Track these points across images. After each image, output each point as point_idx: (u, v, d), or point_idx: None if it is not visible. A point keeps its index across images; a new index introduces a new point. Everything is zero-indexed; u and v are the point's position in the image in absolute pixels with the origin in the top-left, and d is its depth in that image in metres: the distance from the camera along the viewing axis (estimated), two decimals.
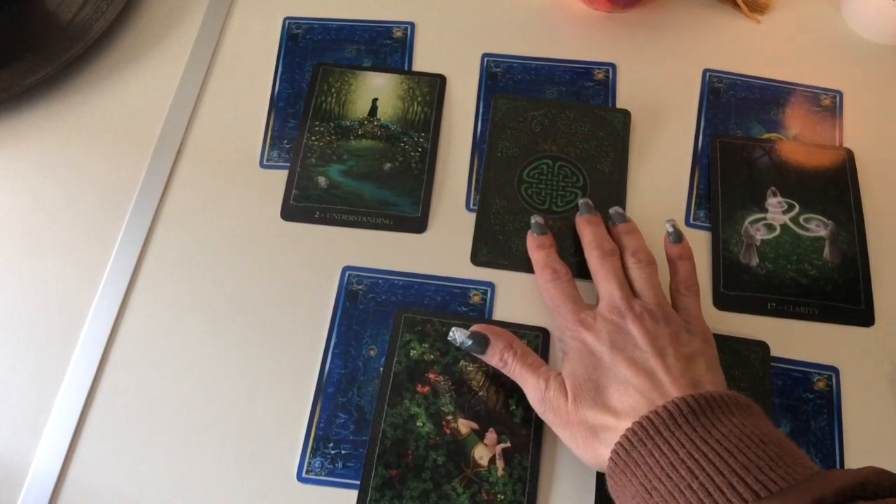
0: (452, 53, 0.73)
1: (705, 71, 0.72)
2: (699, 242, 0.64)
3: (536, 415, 0.56)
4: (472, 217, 0.65)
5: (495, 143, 0.68)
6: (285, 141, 0.69)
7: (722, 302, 0.61)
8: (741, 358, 0.59)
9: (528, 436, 0.56)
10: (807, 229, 0.64)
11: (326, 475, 0.55)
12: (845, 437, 0.56)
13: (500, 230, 0.64)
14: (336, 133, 0.68)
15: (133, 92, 0.71)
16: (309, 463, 0.56)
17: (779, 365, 0.59)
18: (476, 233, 0.64)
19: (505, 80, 0.72)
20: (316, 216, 0.65)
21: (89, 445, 0.56)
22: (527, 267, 0.63)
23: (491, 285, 0.62)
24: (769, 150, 0.67)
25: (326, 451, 0.56)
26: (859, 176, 0.66)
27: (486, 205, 0.65)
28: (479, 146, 0.69)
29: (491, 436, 0.56)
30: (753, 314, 0.61)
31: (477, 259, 0.63)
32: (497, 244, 0.64)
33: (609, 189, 0.66)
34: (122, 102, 0.70)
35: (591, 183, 0.66)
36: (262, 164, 0.68)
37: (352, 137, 0.68)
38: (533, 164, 0.67)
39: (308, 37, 0.74)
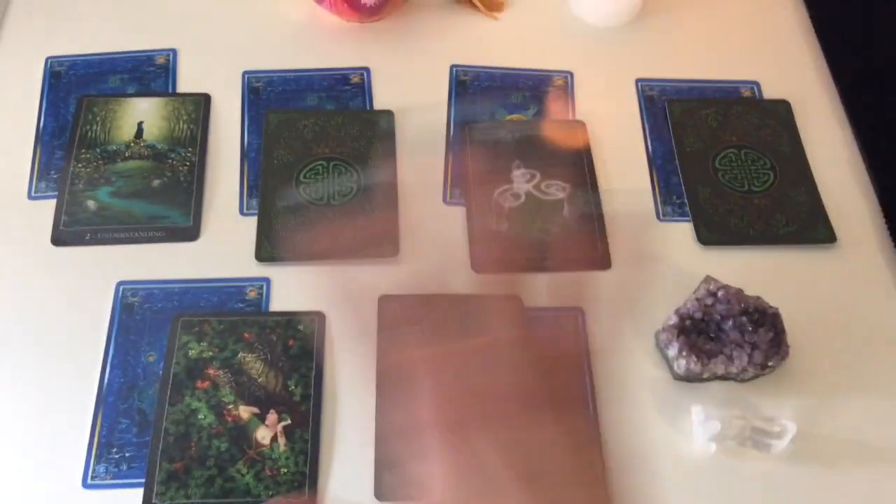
0: (215, 73, 0.77)
1: (452, 66, 0.79)
2: (456, 217, 0.70)
3: (315, 391, 0.60)
4: (247, 220, 0.69)
5: (270, 152, 0.72)
6: (52, 172, 0.70)
7: (478, 265, 0.67)
8: (497, 314, 0.64)
9: (307, 411, 0.60)
10: (547, 194, 0.71)
11: (112, 479, 0.57)
12: (593, 367, 0.63)
13: (283, 227, 0.68)
14: (102, 158, 0.70)
15: None
16: (94, 470, 0.57)
17: (532, 313, 0.65)
18: (259, 232, 0.68)
19: (267, 92, 0.76)
20: (87, 238, 0.66)
21: None
22: (306, 258, 0.66)
23: (267, 280, 0.66)
24: (512, 130, 0.74)
25: (110, 457, 0.57)
26: (591, 143, 0.74)
27: (266, 207, 0.69)
28: (248, 155, 0.72)
29: (272, 416, 0.59)
30: (507, 272, 0.67)
31: (261, 255, 0.67)
32: (279, 240, 0.67)
33: (381, 179, 0.71)
34: None
35: (365, 177, 0.71)
36: (30, 196, 0.69)
37: (119, 160, 0.70)
38: (309, 167, 0.71)
39: (71, 72, 0.76)
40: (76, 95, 0.74)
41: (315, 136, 0.73)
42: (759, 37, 0.83)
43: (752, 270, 0.68)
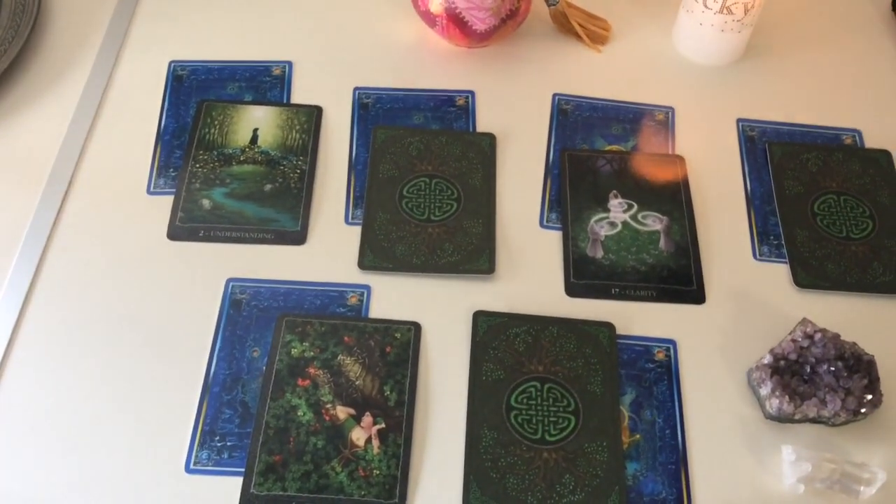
0: (327, 87, 0.80)
1: (554, 95, 0.81)
2: (552, 241, 0.71)
3: (409, 398, 0.62)
4: (351, 229, 0.71)
5: (376, 166, 0.75)
6: (171, 170, 0.74)
7: (572, 290, 0.68)
8: (591, 337, 0.66)
9: (401, 417, 0.61)
10: (644, 224, 0.72)
11: (213, 465, 0.59)
12: (684, 399, 0.64)
13: (385, 238, 0.70)
14: (219, 160, 0.74)
15: (26, 131, 0.75)
16: (196, 455, 0.60)
17: (624, 341, 0.66)
18: (362, 242, 0.70)
19: (375, 109, 0.79)
20: (201, 235, 0.70)
21: None
22: (406, 269, 0.69)
23: (367, 287, 0.68)
24: (611, 160, 0.76)
25: (213, 444, 0.60)
26: (689, 178, 0.75)
27: (370, 218, 0.72)
28: (356, 167, 0.75)
29: (367, 419, 0.61)
30: (600, 299, 0.68)
31: (363, 264, 0.69)
32: (381, 250, 0.70)
33: (480, 199, 0.73)
34: (15, 141, 0.75)
35: (465, 195, 0.73)
36: (149, 192, 0.73)
37: (234, 163, 0.74)
38: (412, 182, 0.74)
39: (192, 77, 0.80)
40: (196, 99, 0.78)
41: (419, 153, 0.76)
42: (862, 85, 0.83)
43: (847, 316, 0.68)
